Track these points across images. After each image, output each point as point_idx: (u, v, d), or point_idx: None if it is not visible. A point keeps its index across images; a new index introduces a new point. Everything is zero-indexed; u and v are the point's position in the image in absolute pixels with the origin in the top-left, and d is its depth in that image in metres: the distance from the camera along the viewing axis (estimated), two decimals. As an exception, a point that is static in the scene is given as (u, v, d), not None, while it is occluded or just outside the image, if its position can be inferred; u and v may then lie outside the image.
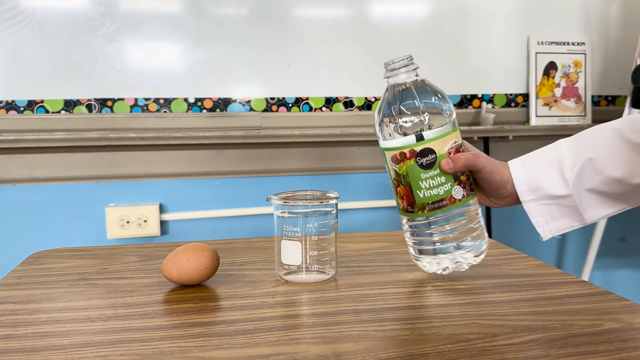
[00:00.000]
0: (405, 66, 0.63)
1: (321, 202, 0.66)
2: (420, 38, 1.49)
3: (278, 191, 0.69)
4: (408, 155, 0.62)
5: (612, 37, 1.60)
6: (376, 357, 0.46)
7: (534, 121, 1.55)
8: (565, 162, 0.65)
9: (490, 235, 1.52)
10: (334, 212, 0.67)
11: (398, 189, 0.65)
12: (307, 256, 0.65)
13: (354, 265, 0.74)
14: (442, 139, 0.62)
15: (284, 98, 1.44)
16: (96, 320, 0.55)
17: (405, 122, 0.62)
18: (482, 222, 0.67)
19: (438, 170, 0.62)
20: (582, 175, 0.64)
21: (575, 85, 1.58)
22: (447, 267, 0.67)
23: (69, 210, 1.37)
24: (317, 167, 1.47)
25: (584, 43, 1.58)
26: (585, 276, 1.54)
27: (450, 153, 0.63)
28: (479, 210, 0.67)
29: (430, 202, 0.63)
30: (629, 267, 1.71)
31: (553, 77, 1.56)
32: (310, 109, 1.46)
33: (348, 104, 1.48)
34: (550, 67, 1.56)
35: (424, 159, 0.62)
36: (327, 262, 0.66)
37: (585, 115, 1.58)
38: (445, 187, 0.63)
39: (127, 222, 1.36)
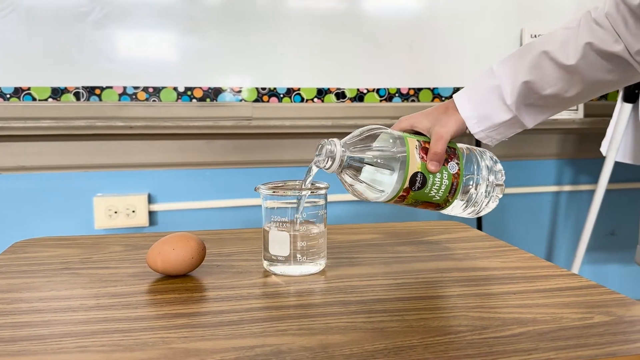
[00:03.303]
0: (334, 157, 0.63)
1: (310, 193, 0.65)
2: (413, 30, 1.48)
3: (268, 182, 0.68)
4: (405, 193, 0.65)
5: (606, 31, 1.59)
6: (363, 349, 0.45)
7: (526, 115, 1.54)
8: (504, 89, 0.70)
9: (480, 228, 1.52)
10: (323, 202, 0.66)
11: (419, 206, 0.68)
12: (296, 247, 0.64)
13: (343, 256, 0.73)
14: (410, 158, 0.64)
15: (275, 88, 1.43)
16: (78, 310, 0.53)
17: (377, 185, 0.64)
18: (473, 148, 0.71)
19: (431, 176, 0.65)
20: (521, 97, 0.70)
21: (568, 79, 1.57)
22: (492, 192, 0.70)
23: (56, 200, 1.35)
24: (308, 159, 1.45)
25: (577, 37, 1.57)
26: (575, 270, 1.55)
27: (422, 158, 0.65)
28: (465, 151, 0.70)
29: (447, 194, 0.67)
30: (619, 261, 1.72)
31: (546, 71, 1.56)
32: (302, 99, 1.44)
33: (340, 95, 1.47)
34: (543, 61, 1.55)
35: (417, 184, 0.65)
36: (316, 253, 0.65)
37: (577, 110, 1.57)
38: (445, 176, 0.66)
39: (115, 212, 1.35)
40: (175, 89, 1.37)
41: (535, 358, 0.44)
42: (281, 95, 1.43)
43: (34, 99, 1.31)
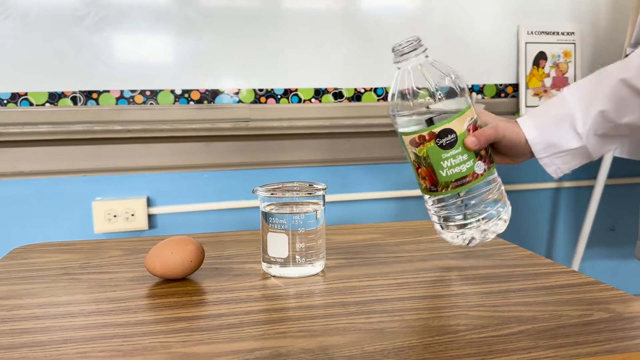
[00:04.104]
0: (414, 49, 0.64)
1: (308, 194, 0.65)
2: (410, 28, 1.48)
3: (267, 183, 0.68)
4: (427, 137, 0.62)
5: (602, 26, 1.60)
6: (363, 350, 0.45)
7: (523, 111, 1.54)
8: (577, 117, 0.67)
9: (480, 226, 1.51)
10: (322, 203, 0.66)
11: (419, 170, 0.65)
12: (295, 249, 0.64)
13: (342, 257, 0.73)
14: (460, 117, 0.62)
15: (272, 89, 1.43)
16: (77, 315, 0.53)
17: (421, 105, 0.62)
18: (503, 188, 0.68)
19: (460, 148, 0.62)
20: (594, 126, 0.67)
21: (565, 75, 1.58)
22: (473, 239, 0.67)
23: (54, 205, 1.35)
24: (305, 159, 1.45)
25: (573, 33, 1.57)
26: (575, 266, 1.55)
27: (469, 130, 0.63)
28: (499, 179, 0.68)
29: (453, 180, 0.64)
30: (619, 256, 1.72)
31: (543, 67, 1.56)
32: (299, 100, 1.44)
33: (337, 95, 1.47)
34: (540, 57, 1.55)
35: (444, 140, 0.62)
36: (315, 254, 0.65)
37: (575, 106, 1.57)
38: (468, 165, 0.63)
39: (114, 216, 1.35)
40: (172, 91, 1.37)
41: (534, 356, 0.44)
42: (278, 96, 1.43)
43: (31, 104, 1.31)
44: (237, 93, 1.41)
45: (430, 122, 0.62)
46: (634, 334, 0.48)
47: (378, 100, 1.48)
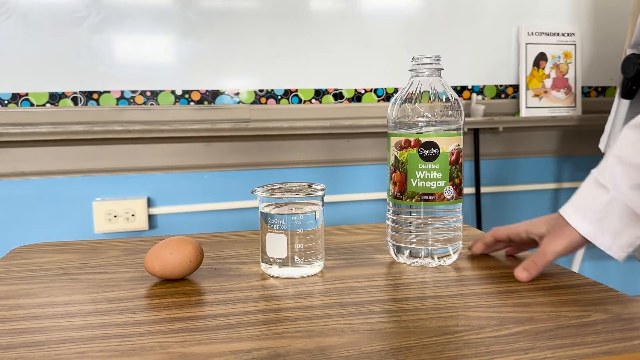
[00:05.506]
0: (431, 64, 0.68)
1: (307, 194, 0.65)
2: (410, 29, 1.48)
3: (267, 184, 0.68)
4: (412, 143, 0.65)
5: (602, 27, 1.60)
6: (360, 350, 0.45)
7: (524, 112, 1.54)
8: (597, 175, 0.65)
9: (480, 227, 1.51)
10: (321, 204, 0.66)
11: (394, 174, 0.68)
12: (293, 249, 0.64)
13: (341, 258, 0.73)
14: (448, 138, 0.66)
15: (272, 90, 1.43)
16: (76, 315, 0.53)
17: (419, 114, 0.66)
18: (460, 227, 0.70)
19: (437, 165, 0.65)
20: (616, 175, 0.63)
21: (565, 76, 1.58)
22: (415, 262, 0.69)
23: (55, 205, 1.35)
24: (305, 160, 1.46)
25: (573, 34, 1.57)
26: (576, 267, 1.55)
27: (452, 154, 0.66)
28: (461, 218, 0.70)
29: (420, 193, 0.66)
30: (619, 257, 1.72)
31: (543, 68, 1.56)
32: (300, 101, 1.44)
33: (337, 96, 1.47)
34: (540, 58, 1.55)
35: (426, 151, 0.65)
36: (314, 255, 0.65)
37: (575, 106, 1.57)
38: (439, 184, 0.66)
39: (115, 217, 1.35)
40: (172, 92, 1.37)
41: (532, 357, 0.44)
42: (279, 97, 1.43)
43: (31, 105, 1.31)
44: (237, 94, 1.41)
45: (420, 132, 0.66)
46: (632, 335, 0.48)
47: (378, 101, 1.49)
